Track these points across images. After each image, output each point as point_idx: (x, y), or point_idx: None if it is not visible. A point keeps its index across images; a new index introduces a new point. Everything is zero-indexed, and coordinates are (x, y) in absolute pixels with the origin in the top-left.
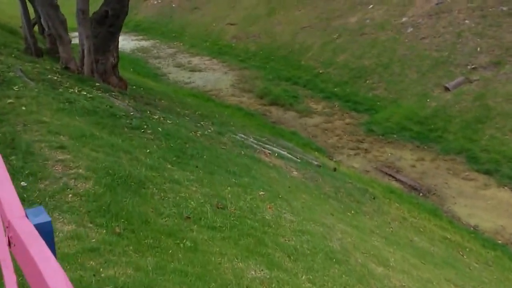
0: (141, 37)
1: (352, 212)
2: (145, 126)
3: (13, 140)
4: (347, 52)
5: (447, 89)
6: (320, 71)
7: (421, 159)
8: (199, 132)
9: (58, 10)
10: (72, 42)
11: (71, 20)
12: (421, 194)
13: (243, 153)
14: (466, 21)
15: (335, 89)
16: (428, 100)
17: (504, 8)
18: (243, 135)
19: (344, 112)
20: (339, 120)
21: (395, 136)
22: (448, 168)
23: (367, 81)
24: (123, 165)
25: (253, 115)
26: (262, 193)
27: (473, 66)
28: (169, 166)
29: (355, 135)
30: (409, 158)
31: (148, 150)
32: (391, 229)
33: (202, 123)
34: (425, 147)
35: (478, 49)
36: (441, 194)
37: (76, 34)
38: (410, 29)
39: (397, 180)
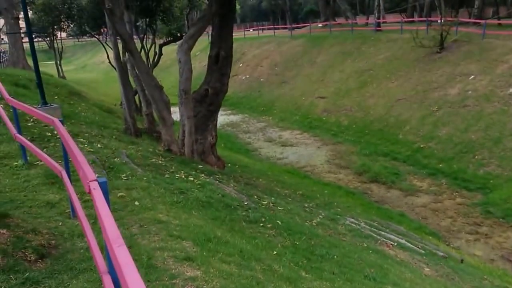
0: (230, 111)
1: None
2: (263, 219)
3: (131, 247)
4: (449, 125)
5: None
6: (421, 146)
7: None
8: (314, 221)
9: (162, 91)
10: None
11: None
12: None
13: (365, 245)
14: None
15: (440, 165)
16: None
17: None
18: (353, 220)
19: (454, 191)
20: (449, 200)
21: None
22: None
23: (476, 157)
24: (260, 281)
25: (354, 193)
26: None
27: None
28: (303, 274)
29: (471, 217)
30: None
31: (275, 252)
32: None
33: (307, 205)
34: None
35: None
36: None
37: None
38: None
39: None
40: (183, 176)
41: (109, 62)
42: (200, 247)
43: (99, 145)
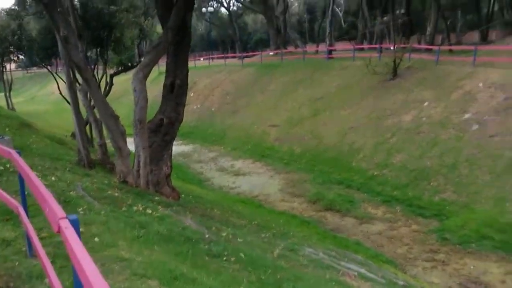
0: (181, 141)
1: None
2: (226, 253)
3: None
4: (404, 152)
5: None
6: (375, 173)
7: (511, 273)
8: (275, 253)
9: (118, 121)
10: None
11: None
12: None
13: (328, 276)
14: None
15: (394, 193)
16: (507, 204)
17: None
18: (312, 250)
19: (409, 218)
20: (405, 227)
21: (474, 245)
22: None
23: (431, 184)
24: None
25: (309, 222)
26: None
27: None
28: None
29: (427, 244)
30: (496, 272)
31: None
32: None
33: (264, 235)
34: None
35: None
36: None
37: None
38: (475, 127)
39: None
40: (141, 209)
41: (60, 93)
42: (167, 286)
43: (53, 178)
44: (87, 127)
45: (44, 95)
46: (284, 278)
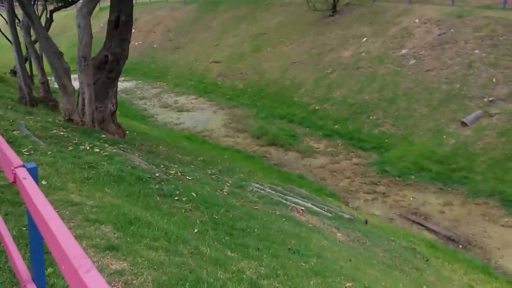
0: (123, 78)
1: (424, 287)
2: (177, 192)
3: None
4: (344, 87)
5: (464, 124)
6: (316, 108)
7: (449, 204)
8: (225, 190)
9: (62, 58)
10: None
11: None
12: (460, 246)
13: (278, 213)
14: (476, 51)
15: (336, 126)
16: (444, 137)
17: None
18: (259, 185)
19: (350, 151)
20: (346, 160)
21: (413, 177)
22: (482, 213)
23: (371, 117)
24: (192, 268)
25: (253, 157)
26: (349, 284)
27: (490, 99)
28: (229, 253)
29: (368, 176)
30: (435, 203)
31: (196, 230)
32: None
33: (210, 172)
34: (450, 189)
35: (494, 80)
36: (483, 245)
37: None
38: (412, 61)
39: (428, 229)
40: (88, 148)
41: None
42: (122, 232)
43: None
44: (27, 64)
45: None
46: (237, 217)
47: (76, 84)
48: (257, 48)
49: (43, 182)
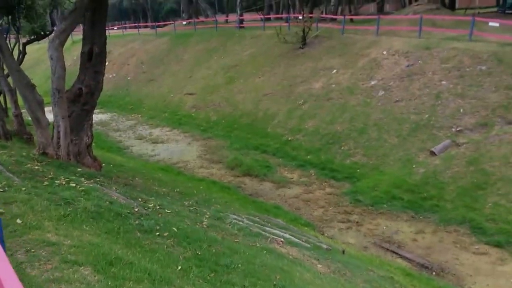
0: (98, 110)
1: None
2: (158, 227)
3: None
4: (316, 118)
5: (433, 153)
6: (289, 138)
7: (421, 232)
8: (204, 223)
9: (35, 90)
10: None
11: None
12: (433, 273)
13: (258, 245)
14: (443, 82)
15: (308, 157)
16: (414, 166)
17: (483, 68)
18: (236, 216)
19: (323, 181)
20: (320, 190)
21: (385, 206)
22: (453, 241)
23: (342, 147)
24: None
25: (229, 188)
26: None
27: (458, 129)
28: None
29: (341, 206)
30: (408, 231)
31: (179, 268)
32: None
33: (187, 203)
34: (421, 217)
35: (461, 110)
36: (456, 272)
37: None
38: (381, 93)
39: (402, 257)
40: (64, 183)
41: None
42: (103, 274)
43: None
44: (1, 98)
45: None
46: (220, 252)
47: (50, 117)
48: (230, 80)
49: (18, 221)
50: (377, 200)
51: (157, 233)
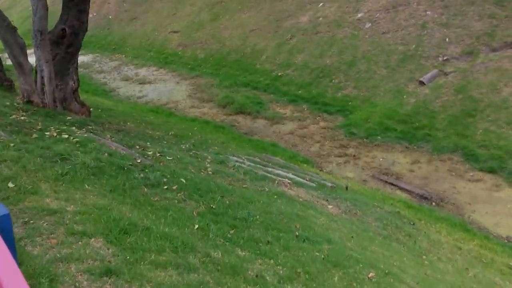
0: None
1: (424, 257)
2: (165, 179)
3: (20, 264)
4: (304, 52)
5: (422, 83)
6: (279, 74)
7: (417, 162)
8: (209, 169)
9: (16, 33)
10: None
11: None
12: (433, 203)
13: (267, 189)
14: (428, 13)
15: (299, 92)
16: (405, 97)
17: None
18: (236, 158)
19: (316, 116)
20: (314, 125)
21: (379, 137)
22: (448, 169)
23: (333, 81)
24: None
25: (223, 127)
26: (371, 274)
27: (445, 58)
28: (240, 252)
29: (336, 140)
30: (403, 162)
31: (196, 227)
32: (472, 273)
33: (184, 147)
34: (415, 147)
35: (447, 39)
36: (455, 201)
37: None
38: (368, 25)
39: (401, 189)
40: (55, 134)
41: None
42: (118, 246)
43: None
44: None
45: None
46: (234, 203)
47: (32, 61)
48: (216, 17)
49: (10, 185)
50: (371, 132)
51: (165, 187)
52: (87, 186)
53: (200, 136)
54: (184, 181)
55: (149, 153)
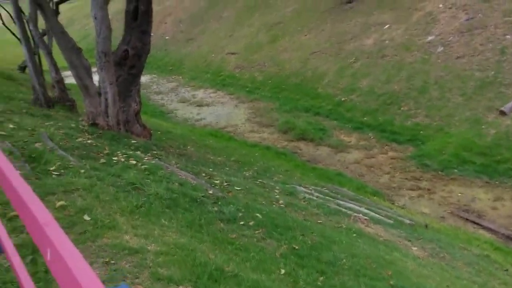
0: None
1: None
2: (240, 214)
3: None
4: (370, 76)
5: (503, 113)
6: (342, 99)
7: (500, 198)
8: (280, 201)
9: (81, 55)
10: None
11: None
12: None
13: (344, 226)
14: (508, 36)
15: (365, 118)
16: (483, 127)
17: None
18: (304, 189)
19: (384, 144)
20: (382, 154)
21: (456, 171)
22: None
23: (402, 108)
24: None
25: (285, 154)
26: None
27: None
28: None
29: (408, 171)
30: (485, 198)
31: (283, 272)
32: None
33: (248, 174)
34: (497, 182)
35: None
36: None
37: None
38: (440, 48)
39: (484, 228)
40: (122, 159)
41: (3, 23)
42: None
43: (11, 125)
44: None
45: None
46: (316, 243)
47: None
48: (274, 38)
49: (86, 218)
50: (446, 165)
51: (241, 222)
52: (163, 221)
53: (262, 162)
54: (260, 216)
55: (216, 181)
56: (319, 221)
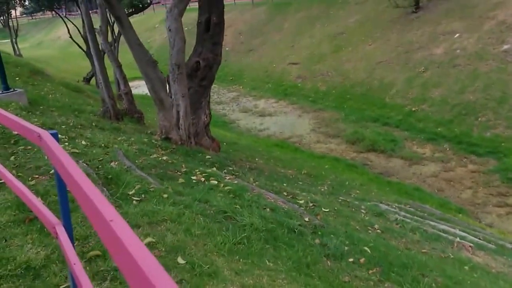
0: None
1: None
2: (345, 248)
3: None
4: (442, 86)
5: None
6: (413, 109)
7: None
8: (376, 226)
9: (157, 68)
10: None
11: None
12: None
13: (451, 256)
14: None
15: (439, 129)
16: None
17: None
18: (387, 207)
19: (462, 157)
20: (461, 167)
21: None
22: None
23: (479, 119)
24: None
25: (356, 166)
26: None
27: None
28: None
29: (492, 186)
30: None
31: None
32: None
33: (323, 189)
34: None
35: None
36: None
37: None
38: None
39: None
40: (202, 179)
41: (70, 37)
42: None
43: (83, 142)
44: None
45: (50, 40)
46: (442, 286)
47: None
48: (337, 48)
49: (180, 261)
50: None
51: (350, 259)
52: (268, 263)
53: (334, 176)
54: (368, 250)
55: (300, 201)
56: (423, 251)
